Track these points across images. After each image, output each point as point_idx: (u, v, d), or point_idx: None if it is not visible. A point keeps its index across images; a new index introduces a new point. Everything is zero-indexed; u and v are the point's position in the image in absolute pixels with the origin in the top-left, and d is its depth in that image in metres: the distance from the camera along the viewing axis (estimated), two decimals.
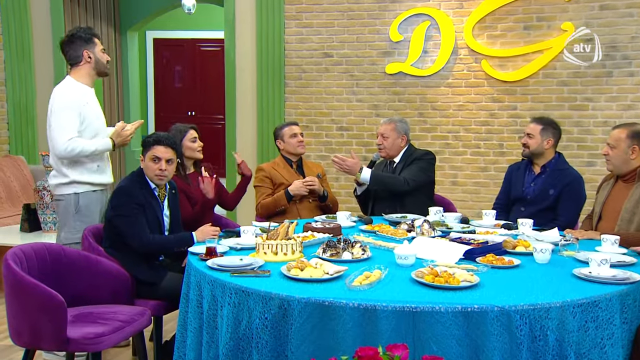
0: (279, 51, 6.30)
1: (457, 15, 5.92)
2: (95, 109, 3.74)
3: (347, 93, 6.28)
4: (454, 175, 6.06)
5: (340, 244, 2.92)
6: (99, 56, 3.72)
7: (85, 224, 3.62)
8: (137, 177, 3.41)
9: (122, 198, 3.28)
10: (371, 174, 4.14)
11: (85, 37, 3.67)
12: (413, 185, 4.12)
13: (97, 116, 3.73)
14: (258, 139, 6.41)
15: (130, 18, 8.39)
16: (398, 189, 4.09)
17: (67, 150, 3.54)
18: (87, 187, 3.69)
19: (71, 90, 3.65)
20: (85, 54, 3.68)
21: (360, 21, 6.17)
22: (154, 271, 3.36)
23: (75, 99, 3.60)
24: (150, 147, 3.40)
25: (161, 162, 3.39)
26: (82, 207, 3.66)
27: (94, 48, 3.70)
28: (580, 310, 2.30)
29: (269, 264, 2.79)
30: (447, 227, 3.58)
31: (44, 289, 2.70)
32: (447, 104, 6.03)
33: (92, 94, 3.75)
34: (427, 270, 2.54)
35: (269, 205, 4.32)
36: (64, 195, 3.68)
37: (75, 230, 3.64)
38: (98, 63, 3.72)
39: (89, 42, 3.68)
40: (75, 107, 3.58)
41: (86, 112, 3.62)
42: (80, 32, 3.70)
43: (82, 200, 3.67)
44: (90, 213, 3.68)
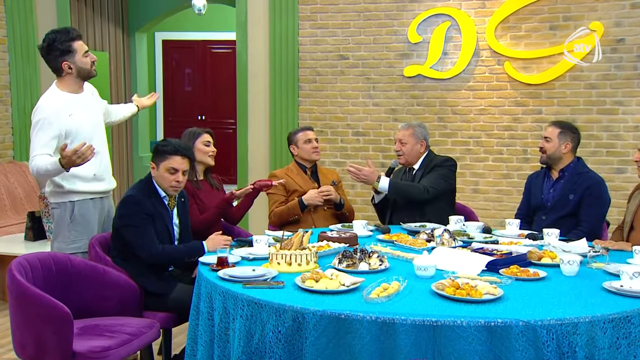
0: (293, 53, 6.32)
1: (479, 16, 5.91)
2: (84, 116, 3.62)
3: (364, 97, 6.28)
4: (475, 183, 6.03)
5: (356, 254, 2.92)
6: (81, 63, 3.59)
7: (81, 234, 3.60)
8: (145, 186, 3.42)
9: (131, 207, 3.30)
10: (389, 183, 4.13)
11: (62, 48, 3.54)
12: (433, 193, 4.11)
13: (87, 123, 3.62)
14: (271, 144, 6.43)
15: (138, 19, 8.46)
16: (418, 198, 4.08)
17: (32, 170, 3.43)
18: (84, 196, 3.65)
19: (52, 103, 3.54)
20: (64, 66, 3.57)
21: (378, 22, 6.18)
22: (163, 282, 3.37)
23: (54, 113, 3.49)
24: (166, 156, 3.37)
25: (178, 174, 3.38)
26: (78, 216, 3.62)
27: (73, 57, 3.57)
28: (611, 326, 2.28)
29: (283, 274, 2.79)
30: (469, 237, 3.56)
31: (50, 300, 2.72)
32: (468, 108, 6.02)
33: (79, 101, 3.64)
34: (448, 282, 2.53)
35: (282, 214, 4.32)
36: (59, 203, 3.64)
37: (69, 241, 3.60)
38: (81, 71, 3.61)
39: (66, 53, 3.55)
40: (54, 122, 3.47)
41: (70, 124, 3.52)
42: (57, 42, 3.54)
43: (78, 209, 3.63)
44: (86, 223, 3.64)
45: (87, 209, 3.66)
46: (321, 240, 3.39)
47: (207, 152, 4.02)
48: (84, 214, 3.64)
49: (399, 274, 2.71)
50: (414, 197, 4.10)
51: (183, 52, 10.52)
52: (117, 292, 3.20)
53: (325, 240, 3.37)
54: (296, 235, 3.04)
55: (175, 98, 10.57)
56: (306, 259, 2.89)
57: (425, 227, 3.80)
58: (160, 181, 3.40)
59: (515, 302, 2.41)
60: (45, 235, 5.19)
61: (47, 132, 3.46)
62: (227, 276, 2.74)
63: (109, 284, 3.18)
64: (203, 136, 4.03)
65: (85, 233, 3.62)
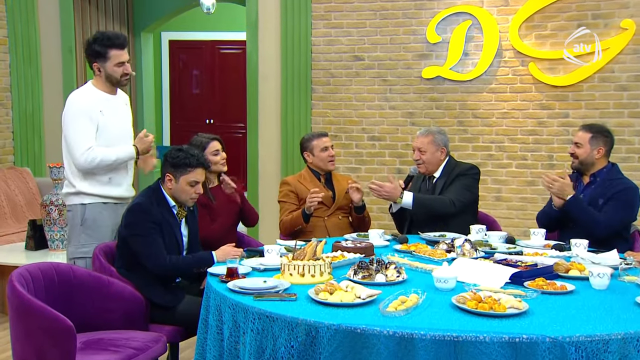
0: (306, 54, 6.34)
1: (502, 14, 5.90)
2: (113, 119, 3.77)
3: (380, 100, 6.28)
4: (497, 190, 6.01)
5: (373, 265, 2.92)
6: (110, 70, 3.73)
7: (93, 238, 3.66)
8: (153, 193, 3.44)
9: (138, 216, 3.32)
10: (413, 198, 4.12)
11: (98, 50, 3.70)
12: (460, 206, 4.11)
13: (114, 126, 3.76)
14: (282, 149, 6.44)
15: (144, 18, 8.52)
16: (443, 212, 4.05)
17: (87, 161, 3.61)
18: (96, 199, 3.73)
19: (84, 96, 3.72)
20: (94, 67, 3.76)
21: (395, 21, 6.18)
22: (170, 294, 3.38)
23: (87, 106, 3.67)
24: (188, 170, 3.38)
25: (198, 186, 3.43)
26: (89, 219, 3.70)
27: (105, 62, 3.72)
28: None
29: (296, 286, 2.79)
30: (491, 247, 3.55)
31: (51, 312, 2.74)
32: (490, 112, 6.00)
33: (111, 101, 3.80)
34: (469, 295, 2.52)
35: (286, 224, 4.34)
36: (71, 205, 3.76)
37: (80, 244, 3.69)
38: (109, 77, 3.76)
39: (99, 56, 3.71)
40: (88, 114, 3.64)
41: (100, 119, 3.68)
42: (96, 43, 3.71)
43: (89, 212, 3.71)
44: (98, 227, 3.71)
45: (99, 213, 3.73)
46: (335, 251, 3.39)
47: (218, 162, 4.04)
48: (95, 218, 3.71)
49: (418, 287, 2.70)
50: (439, 212, 4.07)
51: (191, 53, 10.58)
52: (122, 304, 3.21)
53: (339, 251, 3.37)
54: (309, 245, 3.04)
55: (183, 101, 10.62)
56: (320, 270, 2.89)
57: (445, 237, 3.78)
58: (179, 194, 3.42)
59: (541, 317, 2.40)
60: (47, 244, 5.22)
61: (87, 124, 3.63)
62: (237, 288, 2.74)
63: (113, 296, 3.20)
64: (210, 145, 4.04)
65: (96, 238, 3.68)
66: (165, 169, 3.43)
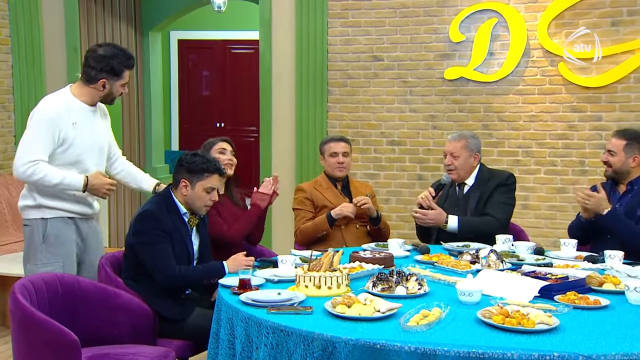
0: (322, 54, 6.35)
1: (530, 11, 5.88)
2: (86, 132, 3.64)
3: (400, 102, 6.28)
4: (525, 198, 5.98)
5: (392, 277, 2.92)
6: (115, 90, 3.68)
7: (55, 256, 3.60)
8: (163, 200, 3.46)
9: (147, 223, 3.34)
10: (459, 221, 4.11)
11: (114, 67, 3.62)
12: (506, 225, 4.13)
13: (86, 140, 3.64)
14: (297, 154, 6.45)
15: (152, 17, 8.57)
16: (491, 234, 3.98)
17: (25, 173, 3.47)
18: (58, 213, 3.63)
19: (60, 105, 3.58)
20: (100, 83, 3.64)
21: (415, 19, 6.18)
22: (179, 306, 3.40)
23: (58, 116, 3.53)
24: (205, 175, 3.43)
25: (214, 193, 3.47)
26: (51, 235, 3.61)
27: (115, 81, 3.65)
28: None
29: (311, 299, 2.80)
30: (518, 258, 3.54)
31: (55, 325, 2.76)
32: (517, 115, 5.98)
33: (88, 114, 3.68)
34: (495, 309, 2.52)
35: (308, 231, 4.34)
36: (30, 219, 3.64)
37: (42, 263, 3.58)
38: (108, 95, 3.69)
39: (114, 73, 3.63)
40: (55, 126, 3.51)
41: (70, 133, 3.55)
42: (115, 59, 3.62)
43: (51, 227, 3.62)
44: (61, 244, 3.62)
45: (62, 229, 3.64)
46: (353, 261, 3.40)
47: (221, 161, 4.04)
48: (57, 234, 3.62)
49: (441, 300, 2.71)
50: (487, 234, 4.01)
51: (201, 53, 10.64)
52: (129, 317, 3.22)
53: (357, 261, 3.38)
54: (326, 255, 3.05)
55: (192, 103, 10.68)
56: (337, 282, 2.89)
57: (469, 247, 3.78)
58: (194, 200, 3.45)
59: (573, 334, 2.38)
60: None
61: (48, 136, 3.50)
62: (250, 300, 2.76)
63: (120, 308, 3.21)
64: (218, 145, 4.09)
65: (59, 255, 3.61)
66: (180, 174, 3.45)
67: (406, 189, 6.27)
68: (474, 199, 4.21)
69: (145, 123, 8.50)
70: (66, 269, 3.60)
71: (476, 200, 4.20)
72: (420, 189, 5.93)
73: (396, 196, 6.29)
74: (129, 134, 7.99)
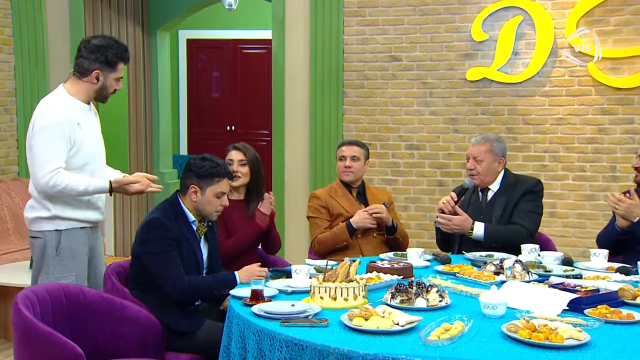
0: (337, 54, 6.36)
1: (558, 8, 5.86)
2: (90, 131, 3.69)
3: (419, 104, 6.28)
4: (552, 205, 5.95)
5: (412, 288, 2.92)
6: (109, 84, 3.68)
7: (67, 269, 3.61)
8: (171, 208, 3.47)
9: (154, 232, 3.35)
10: (486, 229, 4.10)
11: (109, 58, 3.62)
12: (534, 234, 4.12)
13: (91, 141, 3.68)
14: (311, 159, 6.46)
15: (160, 15, 8.61)
16: (519, 244, 3.95)
17: (48, 184, 3.48)
18: (72, 224, 3.65)
19: (62, 106, 3.59)
20: (94, 74, 3.63)
21: (436, 17, 6.18)
22: (189, 318, 3.40)
23: (64, 118, 3.54)
24: (216, 180, 3.46)
25: (224, 197, 3.50)
26: (64, 248, 3.62)
27: (109, 73, 3.66)
28: None
29: (327, 311, 2.80)
30: (545, 269, 3.53)
31: (60, 338, 2.77)
32: (543, 117, 5.96)
33: (87, 111, 3.71)
34: (521, 323, 2.51)
35: (327, 241, 4.33)
36: (43, 232, 3.63)
37: (54, 278, 3.59)
38: (102, 90, 3.69)
39: (107, 64, 3.64)
40: (64, 127, 3.52)
41: (78, 135, 3.58)
42: (110, 49, 3.64)
43: (65, 239, 3.63)
44: (75, 256, 3.65)
45: (76, 240, 3.66)
46: (371, 272, 3.39)
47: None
48: (71, 246, 3.64)
49: (463, 313, 2.70)
50: (514, 243, 3.98)
51: (210, 53, 10.67)
52: (136, 329, 3.23)
53: (375, 272, 3.37)
54: (342, 265, 3.05)
55: (201, 105, 10.71)
56: (354, 293, 2.89)
57: (493, 257, 3.77)
58: (204, 206, 3.47)
59: (604, 350, 2.37)
60: None
61: (60, 141, 3.51)
62: (263, 312, 2.76)
63: (127, 320, 3.22)
64: (228, 154, 4.16)
65: (72, 268, 3.63)
66: (189, 180, 3.47)
67: (426, 195, 6.26)
68: (499, 206, 4.19)
69: (152, 126, 8.54)
70: (79, 282, 3.61)
71: (502, 208, 4.18)
72: (441, 196, 5.91)
73: (415, 203, 6.29)
74: (135, 137, 8.02)
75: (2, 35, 6.59)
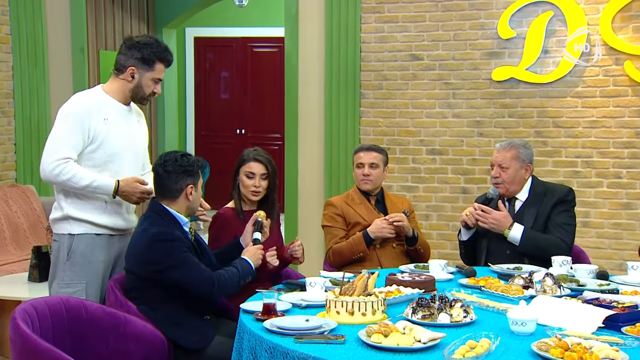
0: (354, 53, 6.37)
1: (591, 3, 5.84)
2: (122, 131, 3.74)
3: (441, 106, 6.27)
4: (585, 214, 5.92)
5: (435, 303, 2.91)
6: (145, 83, 3.75)
7: (78, 275, 3.63)
8: (164, 218, 3.49)
9: (167, 246, 3.36)
10: (524, 233, 4.08)
11: (147, 56, 3.72)
12: (571, 247, 4.10)
13: (119, 137, 3.72)
14: (326, 164, 6.47)
15: (166, 12, 8.66)
16: (554, 255, 3.92)
17: (52, 172, 3.55)
18: (87, 228, 3.68)
19: (89, 98, 3.72)
20: (129, 71, 3.73)
21: (460, 13, 6.18)
22: (198, 334, 3.41)
23: (88, 110, 3.63)
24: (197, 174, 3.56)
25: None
26: (76, 253, 3.65)
27: (145, 72, 3.73)
28: None
29: (344, 326, 2.80)
30: (578, 283, 3.51)
31: (60, 355, 2.77)
32: (575, 120, 5.94)
33: (124, 111, 3.79)
34: (553, 341, 2.50)
35: (342, 251, 4.33)
36: (59, 235, 3.71)
37: (64, 284, 3.63)
38: (137, 89, 3.76)
39: (145, 62, 3.72)
40: (83, 118, 3.60)
41: (101, 129, 3.64)
42: (149, 47, 3.73)
43: (77, 244, 3.66)
44: (87, 263, 3.66)
45: (90, 247, 3.68)
46: (390, 285, 3.39)
47: (247, 186, 4.00)
48: (84, 252, 3.67)
49: (489, 329, 2.69)
50: (550, 255, 3.94)
51: (219, 52, 10.72)
52: (142, 345, 3.23)
53: (395, 285, 3.37)
54: (359, 277, 3.05)
55: (209, 107, 10.75)
56: (372, 308, 2.89)
57: (521, 270, 3.75)
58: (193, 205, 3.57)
59: None
60: None
61: (77, 131, 3.59)
62: (275, 328, 2.76)
63: (131, 336, 3.22)
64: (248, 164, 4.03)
65: (83, 275, 3.65)
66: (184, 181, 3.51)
67: (448, 203, 6.25)
68: (529, 217, 4.16)
69: (158, 129, 8.57)
70: (89, 291, 3.65)
71: (532, 219, 4.15)
72: (464, 204, 5.91)
73: (437, 212, 6.27)
74: None
75: None
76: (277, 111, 9.37)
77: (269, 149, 10.01)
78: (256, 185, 3.99)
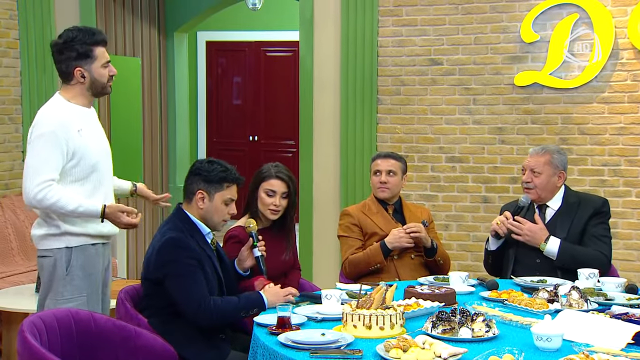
0: (371, 57, 6.38)
1: (618, 5, 5.82)
2: (94, 138, 3.73)
3: (461, 112, 6.26)
4: (613, 225, 5.83)
5: (455, 317, 2.91)
6: (97, 74, 3.70)
7: (79, 289, 3.64)
8: (183, 223, 3.50)
9: (175, 253, 3.36)
10: (561, 246, 4.06)
11: (80, 50, 3.65)
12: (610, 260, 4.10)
13: (96, 147, 3.72)
14: (342, 173, 6.47)
15: (178, 16, 8.71)
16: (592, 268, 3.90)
17: (36, 197, 3.51)
18: (84, 240, 3.69)
19: (59, 113, 3.65)
20: (76, 73, 3.67)
21: (481, 16, 6.17)
22: (211, 350, 3.40)
23: (61, 126, 3.59)
24: (225, 184, 3.53)
25: (232, 205, 3.56)
26: (75, 266, 3.65)
27: (90, 64, 3.67)
28: None
29: (361, 341, 2.80)
30: (606, 297, 3.50)
31: None
32: (602, 127, 5.91)
33: (89, 116, 3.76)
34: (580, 357, 2.49)
35: (359, 263, 4.33)
36: (52, 250, 3.67)
37: (64, 299, 3.62)
38: (94, 83, 3.71)
39: (83, 57, 3.66)
40: (59, 136, 3.56)
41: (78, 143, 3.62)
42: (75, 41, 3.66)
43: (76, 257, 3.66)
44: (87, 275, 3.68)
45: (88, 258, 3.70)
46: (409, 297, 3.39)
47: (266, 204, 3.98)
48: (83, 264, 3.68)
49: (513, 345, 2.69)
50: (589, 267, 3.91)
51: (232, 56, 10.76)
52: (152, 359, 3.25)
53: (414, 298, 3.37)
54: (377, 290, 3.05)
55: (221, 113, 10.79)
56: (390, 322, 2.89)
57: (546, 283, 3.74)
58: (212, 215, 3.53)
59: None
60: None
61: (55, 150, 3.55)
62: (290, 342, 2.76)
63: (141, 351, 3.23)
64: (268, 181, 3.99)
65: (84, 288, 3.66)
66: (196, 185, 3.51)
67: (469, 213, 6.22)
68: (562, 228, 4.14)
69: (169, 136, 8.60)
70: (91, 304, 3.66)
71: (566, 230, 4.12)
72: (486, 214, 5.90)
73: (457, 222, 6.25)
74: (150, 148, 8.07)
75: (7, 38, 6.67)
76: (291, 117, 9.40)
77: (282, 156, 10.11)
78: (276, 205, 3.97)
